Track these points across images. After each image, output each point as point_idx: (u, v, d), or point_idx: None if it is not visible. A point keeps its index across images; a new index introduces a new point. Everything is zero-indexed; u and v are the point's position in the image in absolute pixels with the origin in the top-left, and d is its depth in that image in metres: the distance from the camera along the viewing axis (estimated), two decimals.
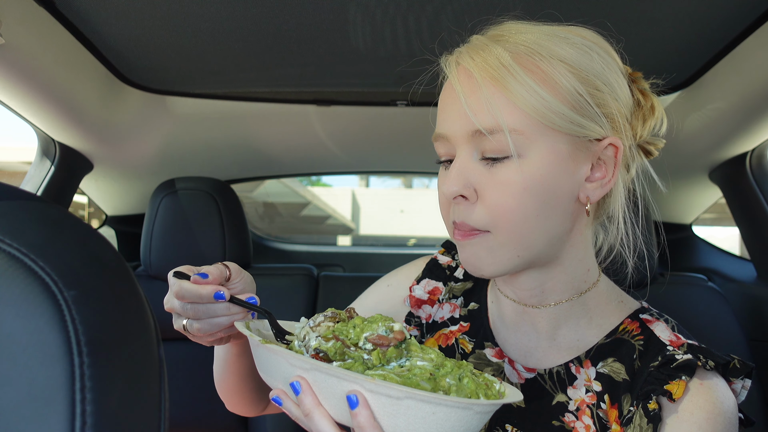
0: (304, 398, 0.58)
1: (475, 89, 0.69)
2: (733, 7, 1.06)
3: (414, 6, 1.06)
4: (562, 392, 0.78)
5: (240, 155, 2.01)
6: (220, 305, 0.72)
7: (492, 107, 0.68)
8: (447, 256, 0.98)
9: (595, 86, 0.70)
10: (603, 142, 0.72)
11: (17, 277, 0.33)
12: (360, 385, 0.54)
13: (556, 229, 0.73)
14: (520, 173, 0.69)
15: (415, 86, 0.86)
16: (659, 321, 0.80)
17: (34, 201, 0.38)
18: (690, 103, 1.47)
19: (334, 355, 0.61)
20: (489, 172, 0.70)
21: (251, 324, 0.73)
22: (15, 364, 0.32)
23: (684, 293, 1.68)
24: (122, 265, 0.38)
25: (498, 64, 0.69)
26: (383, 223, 11.30)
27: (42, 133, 1.52)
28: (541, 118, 0.68)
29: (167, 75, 1.42)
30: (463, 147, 0.72)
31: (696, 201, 1.99)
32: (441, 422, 0.55)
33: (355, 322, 0.65)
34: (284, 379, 0.60)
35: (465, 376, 0.62)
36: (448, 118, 0.74)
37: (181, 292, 0.71)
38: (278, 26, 1.15)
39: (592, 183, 0.73)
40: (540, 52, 0.69)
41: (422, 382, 0.58)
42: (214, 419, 1.71)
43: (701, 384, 0.70)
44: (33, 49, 1.14)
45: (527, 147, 0.69)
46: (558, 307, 0.80)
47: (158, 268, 1.73)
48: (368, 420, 0.55)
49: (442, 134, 0.75)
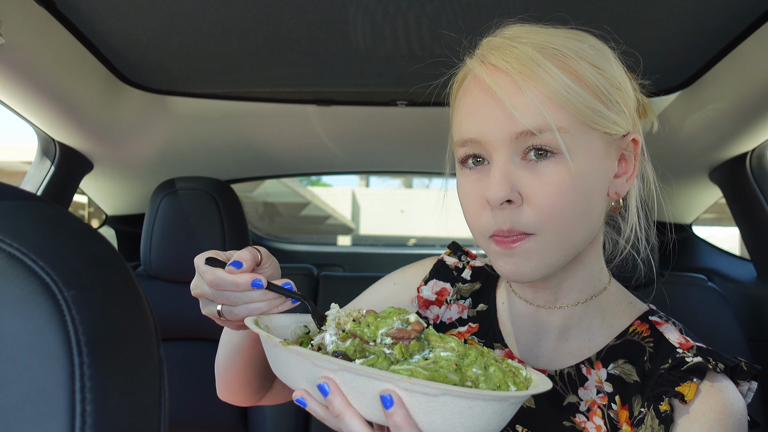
0: (334, 399, 0.57)
1: (517, 89, 0.68)
2: (733, 7, 1.06)
3: (414, 6, 1.06)
4: (573, 393, 0.79)
5: (240, 155, 2.01)
6: (257, 292, 0.71)
7: (538, 106, 0.67)
8: (453, 257, 0.98)
9: (616, 84, 0.72)
10: (627, 138, 0.74)
11: (17, 277, 0.33)
12: (395, 384, 0.53)
13: (594, 227, 0.74)
14: (567, 172, 0.68)
15: (419, 88, 0.86)
16: (668, 323, 0.80)
17: (34, 201, 0.38)
18: (690, 103, 1.47)
19: (353, 353, 0.60)
20: (534, 174, 0.69)
21: (260, 321, 0.72)
22: (15, 364, 0.32)
23: (684, 293, 1.68)
24: (122, 265, 0.38)
25: (533, 63, 0.68)
26: (383, 223, 11.29)
27: (42, 133, 1.52)
28: (581, 116, 0.69)
29: (167, 75, 1.42)
30: (502, 150, 0.69)
31: (696, 201, 1.99)
32: (477, 415, 0.55)
33: (368, 319, 0.64)
34: (308, 379, 0.59)
35: (491, 365, 0.61)
36: (484, 121, 0.70)
37: (217, 281, 0.69)
38: (278, 26, 1.14)
39: (619, 178, 0.75)
40: (566, 52, 0.70)
41: (449, 374, 0.57)
42: (214, 419, 1.71)
43: (712, 386, 0.71)
44: (33, 49, 1.14)
45: (572, 145, 0.69)
46: (573, 309, 0.80)
47: (158, 268, 1.73)
48: (404, 419, 0.54)
49: (475, 139, 0.71)
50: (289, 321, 0.75)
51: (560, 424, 0.77)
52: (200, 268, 0.72)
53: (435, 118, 1.66)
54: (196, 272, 0.74)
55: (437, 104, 1.57)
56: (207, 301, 0.74)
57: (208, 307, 0.75)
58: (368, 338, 0.62)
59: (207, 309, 0.75)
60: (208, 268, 0.71)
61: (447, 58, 0.82)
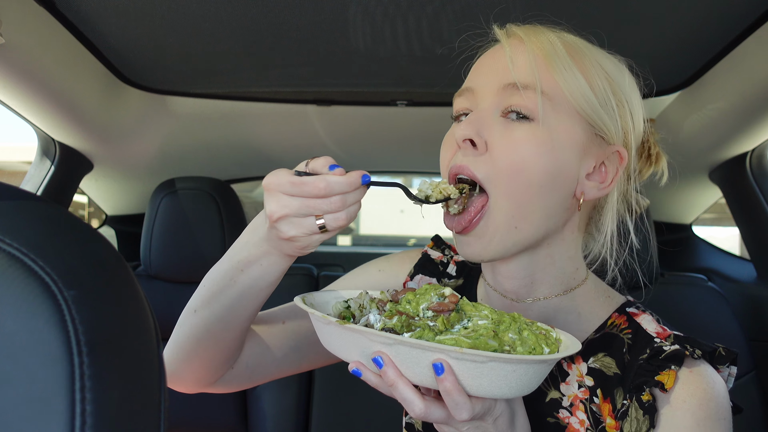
0: (388, 371, 0.62)
1: (522, 50, 0.74)
2: (733, 7, 1.06)
3: (414, 6, 1.06)
4: (555, 389, 0.79)
5: (240, 155, 2.01)
6: (356, 192, 0.66)
7: (532, 67, 0.72)
8: (437, 250, 0.99)
9: (620, 100, 0.75)
10: (612, 147, 0.76)
11: (17, 276, 0.33)
12: (447, 354, 0.60)
13: (552, 215, 0.75)
14: (534, 135, 0.71)
15: (419, 88, 0.87)
16: (645, 314, 0.81)
17: (34, 201, 0.38)
18: (690, 103, 1.47)
19: (401, 328, 0.64)
20: (505, 129, 0.72)
21: (307, 299, 0.74)
22: (15, 364, 0.32)
23: (684, 293, 1.68)
24: (122, 265, 0.38)
25: (548, 43, 0.74)
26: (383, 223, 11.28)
27: (42, 133, 1.52)
28: (570, 97, 0.72)
29: (167, 75, 1.42)
30: (487, 100, 0.74)
31: (696, 201, 1.99)
32: (520, 377, 0.61)
33: (407, 297, 0.70)
34: (362, 353, 0.64)
35: (524, 329, 0.67)
36: (482, 72, 0.76)
37: (331, 186, 0.64)
38: (278, 26, 1.14)
39: (591, 182, 0.76)
40: (585, 52, 0.75)
41: (489, 340, 0.63)
42: (214, 419, 1.71)
43: (690, 372, 0.71)
44: (33, 49, 1.14)
45: (550, 115, 0.72)
46: (547, 302, 0.81)
47: (158, 268, 1.73)
48: (454, 384, 0.60)
49: (469, 87, 0.77)
50: (330, 297, 0.79)
51: (544, 421, 0.78)
52: (295, 180, 0.65)
53: (435, 118, 1.66)
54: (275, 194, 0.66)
55: (437, 104, 1.57)
56: (297, 220, 0.66)
57: (301, 227, 0.66)
58: (412, 314, 0.67)
59: (300, 228, 0.66)
60: (316, 177, 0.64)
61: (447, 58, 0.82)
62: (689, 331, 0.81)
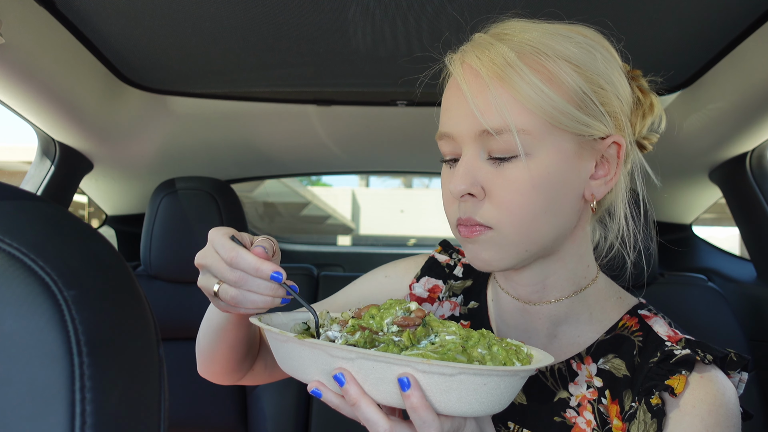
0: (350, 388, 0.59)
1: (483, 89, 0.70)
2: (733, 7, 1.06)
3: (414, 6, 1.06)
4: (564, 389, 0.79)
5: (240, 155, 2.01)
6: (267, 284, 0.67)
7: (500, 107, 0.69)
8: (444, 254, 0.98)
9: (598, 85, 0.72)
10: (607, 141, 0.73)
11: (17, 276, 0.33)
12: (413, 367, 0.56)
13: (563, 226, 0.74)
14: (527, 172, 0.70)
15: (418, 86, 0.86)
16: (657, 317, 0.81)
17: (34, 201, 0.38)
18: (690, 103, 1.47)
19: (364, 344, 0.62)
20: (496, 171, 0.71)
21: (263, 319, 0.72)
22: (15, 364, 0.32)
23: (684, 293, 1.68)
24: (122, 265, 0.38)
25: (504, 63, 0.69)
26: (383, 223, 11.30)
27: (42, 132, 1.52)
28: (548, 118, 0.69)
29: (167, 75, 1.42)
30: (470, 146, 0.72)
31: (696, 201, 1.99)
32: (491, 391, 0.58)
33: (371, 312, 0.66)
34: (322, 371, 0.61)
35: (493, 344, 0.64)
36: (454, 117, 0.74)
37: (238, 260, 0.66)
38: (278, 26, 1.14)
39: (596, 180, 0.75)
40: (545, 52, 0.70)
41: (458, 356, 0.60)
42: (214, 419, 1.71)
43: (701, 377, 0.71)
44: (33, 49, 1.14)
45: (534, 146, 0.70)
46: (558, 304, 0.80)
47: (158, 267, 1.73)
48: (420, 400, 0.57)
49: (447, 133, 0.75)
50: (287, 319, 0.76)
51: (551, 420, 0.78)
52: (220, 241, 0.68)
53: (435, 118, 1.65)
54: (208, 244, 0.70)
55: (437, 104, 1.57)
56: (208, 275, 0.70)
57: (206, 281, 0.71)
58: (376, 329, 0.64)
59: (205, 282, 0.71)
60: (234, 246, 0.67)
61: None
62: (689, 331, 0.81)
